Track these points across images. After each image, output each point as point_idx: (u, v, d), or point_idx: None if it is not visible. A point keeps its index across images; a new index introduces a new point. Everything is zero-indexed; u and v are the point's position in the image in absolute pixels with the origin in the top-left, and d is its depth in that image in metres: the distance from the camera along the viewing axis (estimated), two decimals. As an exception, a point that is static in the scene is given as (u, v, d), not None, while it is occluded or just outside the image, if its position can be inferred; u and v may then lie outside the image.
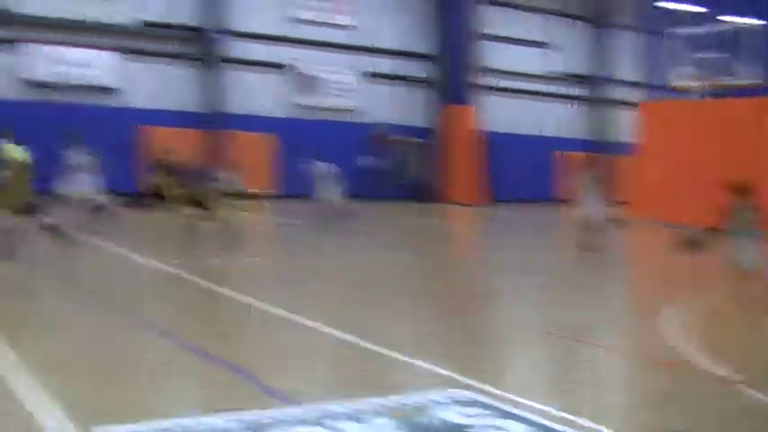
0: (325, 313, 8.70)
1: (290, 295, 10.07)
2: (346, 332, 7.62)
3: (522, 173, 32.80)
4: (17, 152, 11.15)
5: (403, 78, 32.15)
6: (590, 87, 37.12)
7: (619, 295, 12.32)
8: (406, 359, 6.78)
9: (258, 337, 7.74)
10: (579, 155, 35.18)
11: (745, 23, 25.32)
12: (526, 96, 35.21)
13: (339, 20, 30.36)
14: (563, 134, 36.09)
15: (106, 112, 25.82)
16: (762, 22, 25.62)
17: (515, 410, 5.34)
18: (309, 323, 8.02)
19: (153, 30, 26.79)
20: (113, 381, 5.89)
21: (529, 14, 34.75)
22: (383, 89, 31.67)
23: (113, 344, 7.09)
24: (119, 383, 5.84)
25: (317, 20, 29.85)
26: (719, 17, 28.96)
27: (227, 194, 23.22)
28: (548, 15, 35.43)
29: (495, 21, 33.71)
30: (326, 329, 7.78)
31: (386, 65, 31.66)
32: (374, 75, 31.24)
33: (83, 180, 16.56)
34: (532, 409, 5.40)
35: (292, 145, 28.45)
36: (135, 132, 26.22)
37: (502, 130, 33.82)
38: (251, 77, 28.84)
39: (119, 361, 6.48)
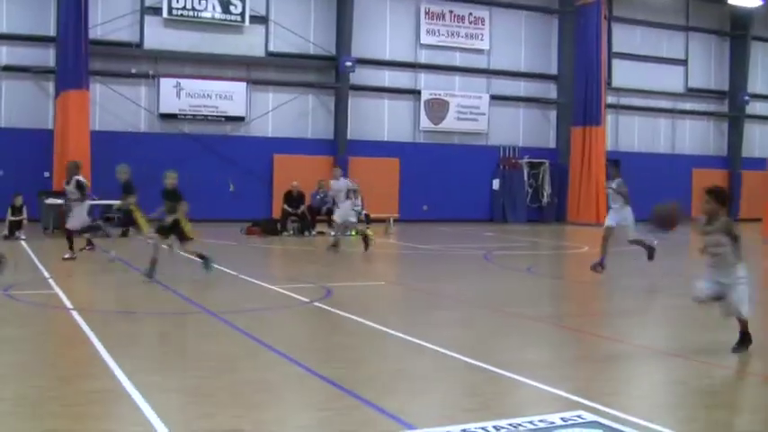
0: (449, 337, 8.65)
1: (417, 320, 10.06)
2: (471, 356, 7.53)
3: (657, 192, 31.78)
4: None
5: (533, 100, 31.82)
6: (726, 103, 35.71)
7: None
8: (530, 382, 6.65)
9: (383, 362, 7.73)
10: (717, 172, 33.90)
11: None
12: (661, 114, 34.20)
13: (468, 44, 30.37)
14: (699, 152, 34.88)
15: (239, 140, 26.78)
16: None
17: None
18: (435, 347, 7.98)
19: (281, 60, 27.56)
20: (240, 402, 6.02)
21: (661, 30, 33.76)
22: (513, 111, 31.41)
23: (241, 368, 7.26)
24: (246, 405, 5.96)
25: (446, 44, 29.97)
26: None
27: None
28: (681, 31, 34.32)
29: (627, 39, 32.98)
30: (451, 353, 7.72)
31: (516, 87, 31.42)
32: (504, 97, 31.04)
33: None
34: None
35: (417, 169, 28.74)
36: (269, 161, 27.07)
37: (636, 150, 33.01)
38: (380, 103, 29.21)
39: (245, 384, 6.62)
